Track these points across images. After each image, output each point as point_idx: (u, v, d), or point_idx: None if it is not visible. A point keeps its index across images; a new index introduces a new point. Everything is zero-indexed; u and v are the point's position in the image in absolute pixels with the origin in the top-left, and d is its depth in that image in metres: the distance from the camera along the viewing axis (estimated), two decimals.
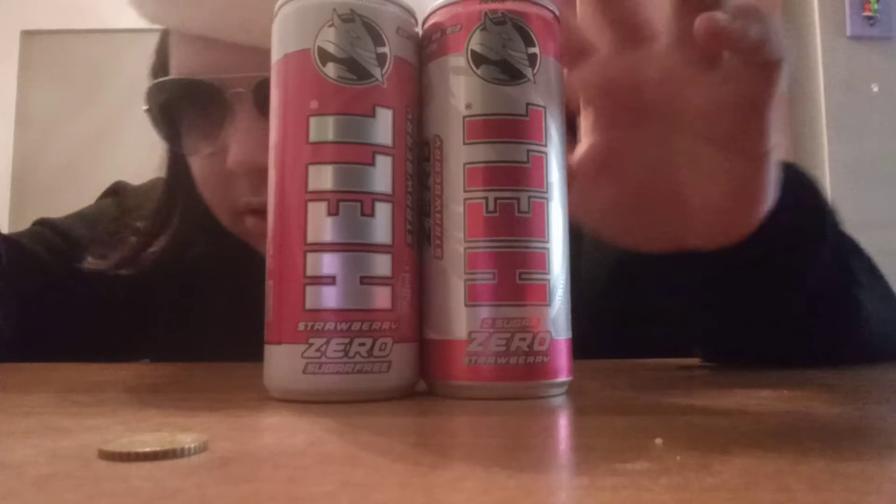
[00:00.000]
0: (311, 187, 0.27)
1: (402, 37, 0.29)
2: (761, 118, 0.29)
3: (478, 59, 0.28)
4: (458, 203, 0.28)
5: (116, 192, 0.66)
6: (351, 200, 0.27)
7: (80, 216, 0.63)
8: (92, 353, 0.47)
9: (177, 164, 0.54)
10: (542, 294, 0.27)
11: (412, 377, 0.28)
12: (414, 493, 0.14)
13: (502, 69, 0.28)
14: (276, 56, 0.29)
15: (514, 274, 0.27)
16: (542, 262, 0.28)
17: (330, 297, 0.26)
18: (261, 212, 0.47)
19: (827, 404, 0.26)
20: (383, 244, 0.27)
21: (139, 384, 0.33)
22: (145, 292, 0.57)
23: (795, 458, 0.17)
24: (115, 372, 0.39)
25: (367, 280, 0.27)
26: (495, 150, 0.28)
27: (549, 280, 0.28)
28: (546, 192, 0.28)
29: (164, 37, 0.53)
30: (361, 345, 0.26)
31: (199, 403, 0.26)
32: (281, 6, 0.29)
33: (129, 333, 0.58)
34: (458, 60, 0.28)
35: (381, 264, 0.27)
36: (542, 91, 0.28)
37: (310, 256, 0.27)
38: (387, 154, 0.28)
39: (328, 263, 0.26)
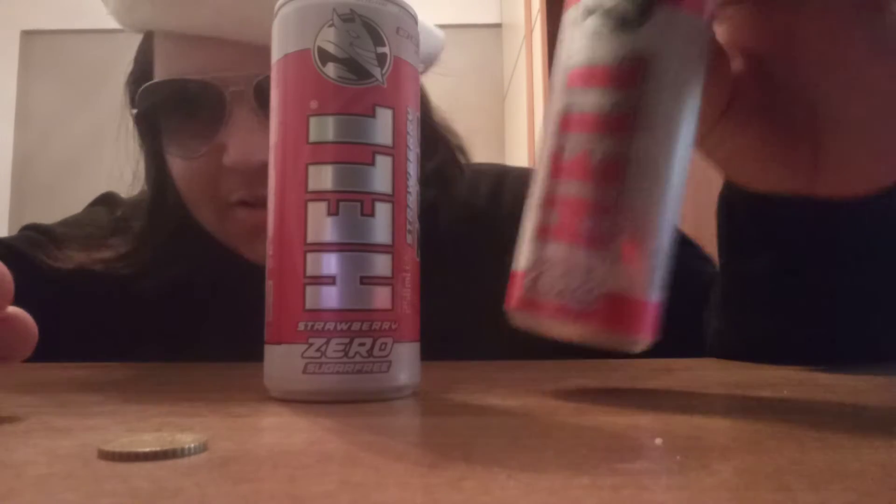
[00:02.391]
0: (311, 187, 0.27)
1: (402, 37, 0.29)
2: None
3: (586, 13, 0.27)
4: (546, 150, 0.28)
5: (106, 201, 0.66)
6: (351, 200, 0.27)
7: (70, 223, 0.63)
8: (86, 354, 0.46)
9: (159, 172, 0.54)
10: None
11: (412, 377, 0.28)
12: (414, 493, 0.14)
13: (604, 21, 0.27)
14: (275, 56, 0.29)
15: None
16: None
17: (330, 297, 0.26)
18: (253, 204, 0.48)
19: (827, 404, 0.26)
20: (383, 244, 0.27)
21: (139, 384, 0.33)
22: (141, 295, 0.57)
23: (795, 458, 0.17)
24: (115, 372, 0.39)
25: (367, 280, 0.27)
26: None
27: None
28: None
29: (146, 43, 0.53)
30: (361, 345, 0.26)
31: (199, 403, 0.26)
32: (281, 6, 0.29)
33: (124, 336, 0.57)
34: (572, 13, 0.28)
35: (381, 264, 0.27)
36: (649, 40, 0.26)
37: (310, 256, 0.27)
38: (387, 154, 0.28)
39: (328, 263, 0.26)
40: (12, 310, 0.25)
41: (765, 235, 0.36)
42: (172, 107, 0.49)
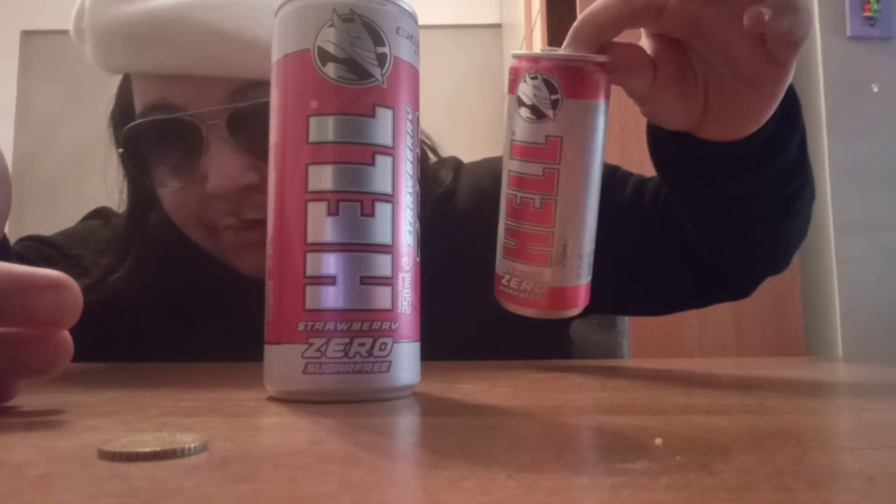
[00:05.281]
0: (311, 187, 0.27)
1: (402, 37, 0.29)
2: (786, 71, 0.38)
3: (518, 103, 0.33)
4: None
5: (101, 215, 0.68)
6: (351, 200, 0.27)
7: (69, 234, 0.64)
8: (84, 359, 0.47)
9: (139, 198, 0.58)
10: None
11: (412, 377, 0.28)
12: (414, 493, 0.14)
13: (529, 113, 0.35)
14: (276, 56, 0.29)
15: None
16: None
17: (330, 297, 0.26)
18: (239, 228, 0.52)
19: (827, 404, 0.26)
20: (383, 244, 0.27)
21: (139, 384, 0.33)
22: (136, 307, 0.58)
23: (795, 458, 0.17)
24: (115, 372, 0.39)
25: (367, 280, 0.27)
26: None
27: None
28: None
29: (126, 81, 0.56)
30: (361, 345, 0.26)
31: (199, 403, 0.26)
32: (281, 6, 0.29)
33: (121, 345, 0.58)
34: None
35: (381, 264, 0.27)
36: (562, 124, 0.32)
37: (310, 256, 0.27)
38: (387, 154, 0.28)
39: (328, 263, 0.26)
40: None
41: (675, 154, 0.47)
42: (155, 143, 0.52)
